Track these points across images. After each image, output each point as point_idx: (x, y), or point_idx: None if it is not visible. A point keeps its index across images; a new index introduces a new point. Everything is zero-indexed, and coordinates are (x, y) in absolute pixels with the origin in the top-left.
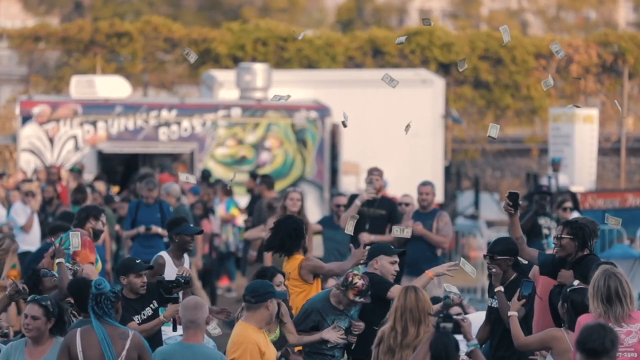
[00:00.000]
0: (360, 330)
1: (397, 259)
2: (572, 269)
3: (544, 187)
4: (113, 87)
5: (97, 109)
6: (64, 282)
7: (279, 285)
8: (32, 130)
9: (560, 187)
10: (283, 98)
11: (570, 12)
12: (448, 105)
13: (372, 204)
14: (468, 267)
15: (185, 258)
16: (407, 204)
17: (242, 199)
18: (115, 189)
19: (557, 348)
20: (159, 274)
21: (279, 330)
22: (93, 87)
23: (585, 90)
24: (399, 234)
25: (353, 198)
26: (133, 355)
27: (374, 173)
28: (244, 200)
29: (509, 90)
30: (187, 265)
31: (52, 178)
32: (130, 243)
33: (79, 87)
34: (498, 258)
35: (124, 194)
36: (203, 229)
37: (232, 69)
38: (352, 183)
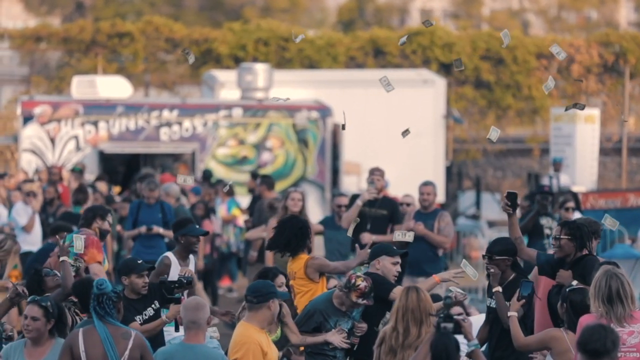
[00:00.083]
0: (363, 332)
1: (399, 260)
2: (570, 270)
3: (546, 187)
4: (114, 87)
5: (98, 109)
6: (68, 280)
7: (281, 286)
8: (33, 131)
9: (562, 187)
10: (281, 100)
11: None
12: (449, 105)
13: (373, 204)
14: (469, 269)
15: (191, 259)
16: (408, 204)
17: (243, 200)
18: (117, 189)
19: (556, 348)
20: (165, 275)
21: (280, 331)
22: (94, 87)
23: (587, 90)
24: (401, 238)
25: (354, 198)
26: (136, 355)
27: (376, 173)
28: (246, 201)
29: (511, 90)
30: (192, 266)
31: (53, 178)
32: (132, 243)
33: (81, 87)
34: (496, 258)
35: (125, 194)
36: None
37: (233, 69)
38: (353, 183)
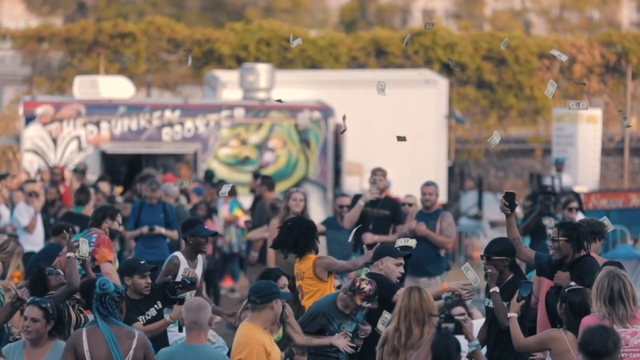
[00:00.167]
0: (367, 334)
1: (402, 261)
2: (569, 271)
3: (549, 187)
4: (116, 87)
5: (100, 110)
6: (73, 277)
7: (283, 288)
8: (35, 131)
9: (564, 187)
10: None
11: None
12: (451, 106)
13: (375, 204)
14: (471, 273)
15: (199, 259)
16: (410, 204)
17: (245, 200)
18: (119, 190)
19: (555, 349)
20: (173, 274)
21: (282, 331)
22: (96, 87)
23: (589, 91)
24: (404, 244)
25: (356, 198)
26: (139, 355)
27: (378, 173)
28: (248, 201)
29: (513, 91)
30: (200, 267)
31: (55, 178)
32: (134, 244)
33: (83, 87)
34: (494, 258)
35: (127, 195)
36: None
37: (235, 70)
38: (355, 183)
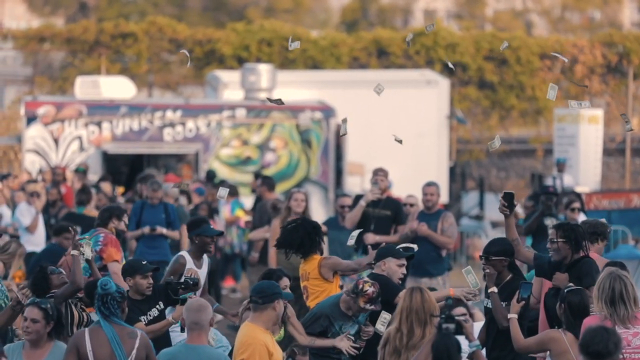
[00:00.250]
0: (370, 336)
1: (404, 262)
2: (567, 272)
3: (550, 187)
4: (118, 87)
5: (101, 110)
6: (77, 275)
7: (285, 289)
8: (37, 131)
9: (565, 187)
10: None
11: (575, 12)
12: (453, 106)
13: (377, 205)
14: (472, 277)
15: (204, 259)
16: (411, 205)
17: (247, 200)
18: (120, 190)
19: (555, 349)
20: (179, 274)
21: (284, 331)
22: (98, 87)
23: (590, 91)
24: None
25: (358, 199)
26: (142, 355)
27: (379, 174)
28: (249, 202)
29: (514, 91)
30: (206, 267)
31: (57, 179)
32: (135, 244)
33: (84, 87)
34: (493, 259)
35: (129, 195)
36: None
37: (236, 70)
38: (357, 184)
